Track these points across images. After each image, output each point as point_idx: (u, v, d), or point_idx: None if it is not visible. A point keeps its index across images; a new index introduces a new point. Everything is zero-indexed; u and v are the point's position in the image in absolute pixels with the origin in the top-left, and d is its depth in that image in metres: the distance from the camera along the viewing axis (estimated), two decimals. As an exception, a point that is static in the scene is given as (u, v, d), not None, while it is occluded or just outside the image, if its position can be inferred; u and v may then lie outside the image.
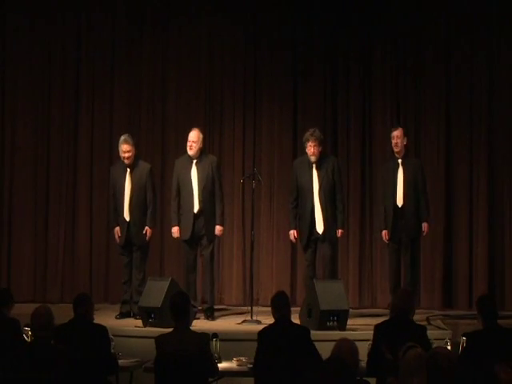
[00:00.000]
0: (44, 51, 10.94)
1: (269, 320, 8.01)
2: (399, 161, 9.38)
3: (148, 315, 8.53)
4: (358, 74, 10.81)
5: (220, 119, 10.94)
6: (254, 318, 8.92)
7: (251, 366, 6.58)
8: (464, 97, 10.67)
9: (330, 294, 8.49)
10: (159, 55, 10.97)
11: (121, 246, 9.49)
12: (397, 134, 9.40)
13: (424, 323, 7.99)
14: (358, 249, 10.72)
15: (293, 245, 10.56)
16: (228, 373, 6.73)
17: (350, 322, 8.52)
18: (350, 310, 8.72)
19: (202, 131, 9.74)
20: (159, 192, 10.74)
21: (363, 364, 6.20)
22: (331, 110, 10.82)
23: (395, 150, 9.42)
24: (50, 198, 10.88)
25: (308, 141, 9.30)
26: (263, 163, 10.79)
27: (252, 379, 6.37)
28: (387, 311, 9.39)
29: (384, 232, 9.45)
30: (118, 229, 9.48)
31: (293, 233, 9.45)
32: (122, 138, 9.47)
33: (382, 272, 10.50)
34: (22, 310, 7.55)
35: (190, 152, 9.36)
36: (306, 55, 10.86)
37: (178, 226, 9.40)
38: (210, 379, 6.42)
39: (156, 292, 8.64)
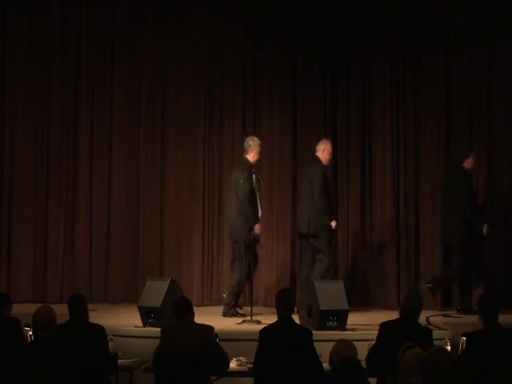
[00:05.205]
0: (44, 51, 10.93)
1: (268, 320, 8.04)
2: None
3: (148, 315, 8.52)
4: (358, 74, 10.82)
5: (220, 119, 10.93)
6: (254, 318, 8.92)
7: (251, 366, 6.58)
8: (464, 97, 10.67)
9: (330, 294, 8.49)
10: (159, 55, 10.96)
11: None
12: None
13: (424, 323, 7.97)
14: (357, 250, 10.72)
15: (293, 245, 10.56)
16: (228, 373, 6.72)
17: (349, 321, 8.52)
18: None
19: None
20: (159, 191, 10.75)
21: (363, 364, 6.18)
22: (331, 110, 10.82)
23: None
24: (49, 197, 10.86)
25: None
26: (263, 163, 10.78)
27: (252, 379, 6.37)
28: (386, 311, 9.45)
29: None
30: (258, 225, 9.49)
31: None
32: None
33: (381, 272, 10.52)
34: (22, 310, 7.56)
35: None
36: (306, 55, 10.85)
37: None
38: (212, 378, 6.44)
39: (156, 292, 8.62)
